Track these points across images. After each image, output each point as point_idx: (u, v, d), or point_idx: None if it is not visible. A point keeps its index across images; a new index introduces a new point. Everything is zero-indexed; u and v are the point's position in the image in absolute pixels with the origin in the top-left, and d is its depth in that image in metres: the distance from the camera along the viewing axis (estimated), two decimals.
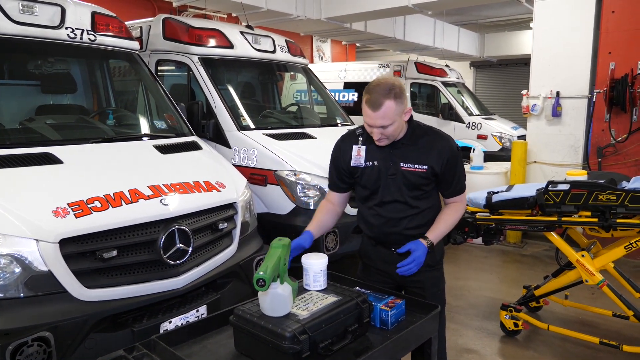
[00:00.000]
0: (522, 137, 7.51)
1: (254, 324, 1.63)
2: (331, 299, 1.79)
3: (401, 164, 2.15)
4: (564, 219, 3.17)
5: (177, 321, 2.60)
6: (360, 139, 2.24)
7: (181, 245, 2.67)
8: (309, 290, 1.88)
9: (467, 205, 2.43)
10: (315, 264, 1.87)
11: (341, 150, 2.29)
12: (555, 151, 5.98)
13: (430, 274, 2.28)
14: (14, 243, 2.20)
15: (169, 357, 1.61)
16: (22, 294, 2.21)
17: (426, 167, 2.13)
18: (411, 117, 2.16)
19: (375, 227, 2.26)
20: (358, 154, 2.22)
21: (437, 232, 2.19)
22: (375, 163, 2.19)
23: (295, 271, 1.95)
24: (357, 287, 2.05)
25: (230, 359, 1.69)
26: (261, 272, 1.60)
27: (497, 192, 3.44)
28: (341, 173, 2.30)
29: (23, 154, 2.69)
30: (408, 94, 9.27)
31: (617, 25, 5.43)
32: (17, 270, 2.20)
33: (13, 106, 3.54)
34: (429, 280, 2.28)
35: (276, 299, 1.66)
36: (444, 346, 2.46)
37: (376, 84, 2.04)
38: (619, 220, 3.04)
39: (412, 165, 2.14)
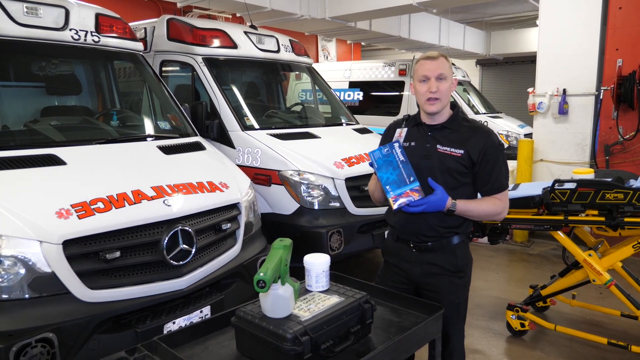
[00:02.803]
0: (529, 136, 7.44)
1: (255, 325, 1.62)
2: (333, 299, 1.77)
3: (438, 146, 2.13)
4: (570, 218, 3.14)
5: (180, 322, 2.60)
6: (405, 122, 2.29)
7: (184, 245, 2.67)
8: (311, 291, 1.87)
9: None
10: (318, 265, 1.86)
11: (387, 134, 2.35)
12: (562, 149, 5.93)
13: (448, 279, 2.19)
14: (18, 244, 2.21)
15: (170, 359, 1.60)
16: (26, 295, 2.21)
17: (462, 151, 2.09)
18: (458, 107, 2.22)
19: (401, 215, 2.16)
20: (399, 135, 2.26)
21: (466, 205, 2.09)
22: (412, 143, 2.19)
23: (298, 272, 1.94)
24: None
25: None
26: (261, 274, 1.59)
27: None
28: None
29: (27, 155, 2.70)
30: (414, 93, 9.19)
31: (625, 22, 5.37)
32: (21, 271, 2.21)
33: (18, 108, 3.56)
34: (446, 285, 2.18)
35: (277, 300, 1.65)
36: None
37: (429, 52, 2.16)
38: (626, 219, 2.99)
39: (448, 149, 2.11)
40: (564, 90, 5.78)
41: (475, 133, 2.13)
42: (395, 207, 2.04)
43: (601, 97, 5.52)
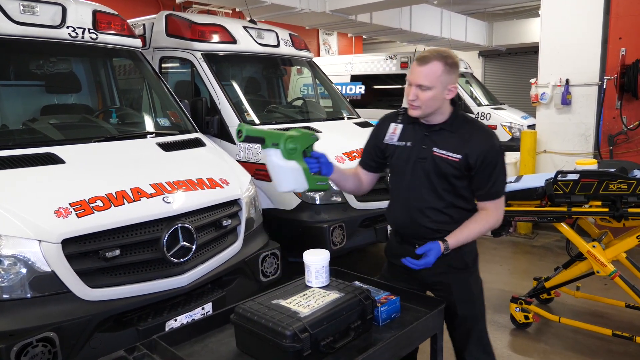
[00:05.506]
0: (533, 127, 7.40)
1: (255, 322, 1.61)
2: (333, 295, 1.76)
3: (434, 149, 2.01)
4: (573, 209, 3.11)
5: (182, 319, 2.59)
6: (400, 118, 2.15)
7: (185, 243, 2.66)
8: (311, 287, 1.85)
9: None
10: (317, 260, 1.84)
11: (379, 128, 2.21)
12: (566, 140, 5.88)
13: (458, 276, 2.09)
14: (17, 244, 2.21)
15: (169, 357, 1.59)
16: (27, 295, 2.21)
17: (460, 156, 1.96)
18: (458, 106, 2.08)
19: (400, 217, 2.13)
20: (393, 132, 2.13)
21: (457, 237, 2.00)
22: (408, 144, 2.08)
23: (299, 267, 1.93)
24: (357, 282, 2.02)
25: (231, 357, 1.67)
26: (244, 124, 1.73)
27: (506, 183, 3.38)
28: (374, 150, 2.21)
29: (25, 154, 2.69)
30: None
31: (628, 10, 5.30)
32: (22, 271, 2.20)
33: (17, 107, 3.55)
34: (456, 283, 2.09)
35: (272, 166, 1.76)
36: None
37: (435, 48, 2.00)
38: (630, 210, 2.96)
39: (444, 152, 1.99)
40: (567, 81, 5.73)
41: (475, 135, 2.00)
42: None
43: (604, 87, 5.47)
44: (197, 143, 3.56)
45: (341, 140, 4.54)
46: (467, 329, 2.12)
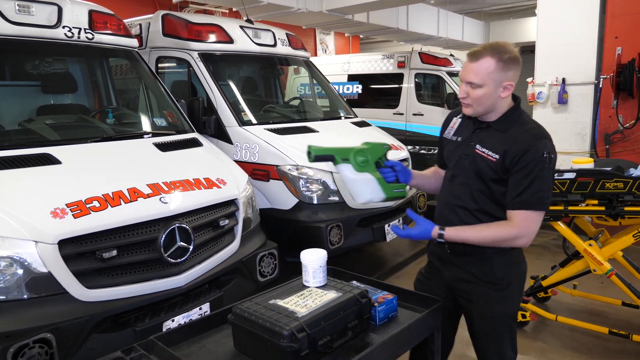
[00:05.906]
0: None
1: (252, 322, 1.61)
2: (331, 295, 1.76)
3: (477, 146, 1.93)
4: (570, 208, 3.12)
5: (180, 319, 2.59)
6: (462, 112, 2.07)
7: (182, 243, 2.65)
8: (308, 287, 1.85)
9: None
10: (314, 260, 1.84)
11: (445, 123, 2.18)
12: (562, 139, 5.89)
13: (481, 289, 1.98)
14: (13, 245, 2.20)
15: (167, 358, 1.59)
16: (23, 296, 2.21)
17: (497, 156, 1.85)
18: (518, 104, 1.94)
19: (438, 212, 2.08)
20: (452, 126, 2.10)
21: (458, 231, 1.90)
22: (459, 139, 2.03)
23: (296, 267, 1.93)
24: (354, 282, 2.02)
25: (229, 358, 1.67)
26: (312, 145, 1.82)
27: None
28: (440, 145, 2.18)
29: (21, 155, 2.68)
30: (412, 85, 9.11)
31: (624, 9, 5.32)
32: (18, 272, 2.20)
33: (12, 107, 3.54)
34: (479, 295, 1.99)
35: (346, 180, 1.84)
36: None
37: (493, 42, 1.90)
38: (626, 208, 2.97)
39: (485, 151, 1.89)
40: (563, 80, 5.74)
41: (521, 135, 1.84)
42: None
43: (600, 86, 5.48)
44: (194, 143, 3.55)
45: (338, 140, 4.53)
46: (482, 344, 2.08)
